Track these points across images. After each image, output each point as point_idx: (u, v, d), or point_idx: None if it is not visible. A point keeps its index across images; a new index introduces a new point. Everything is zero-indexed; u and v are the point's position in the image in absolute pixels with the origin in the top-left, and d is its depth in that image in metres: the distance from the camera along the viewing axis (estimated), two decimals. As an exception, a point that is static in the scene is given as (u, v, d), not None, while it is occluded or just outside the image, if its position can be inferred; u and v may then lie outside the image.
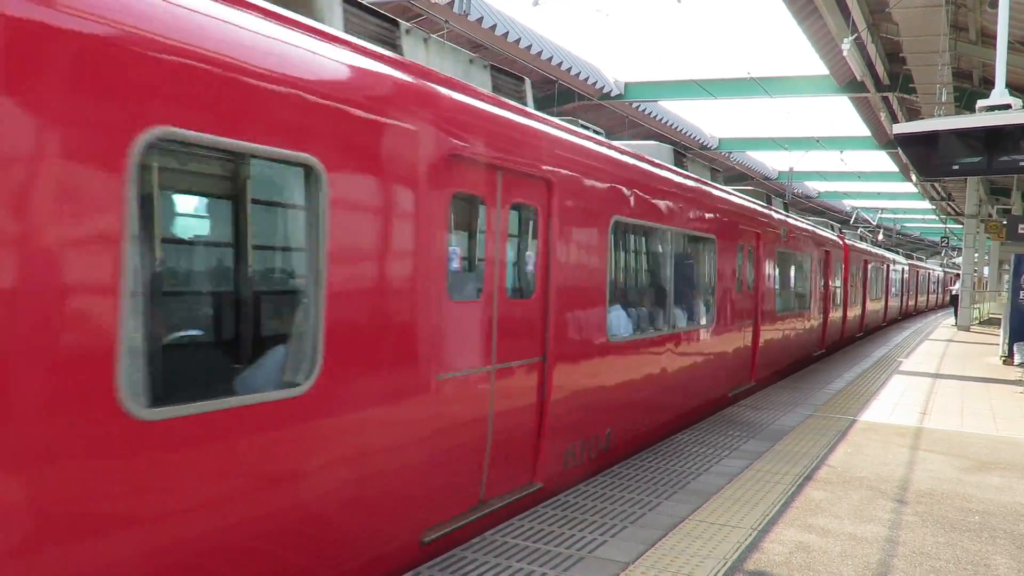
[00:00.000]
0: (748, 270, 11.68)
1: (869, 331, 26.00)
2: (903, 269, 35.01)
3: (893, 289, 31.54)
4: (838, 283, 19.25)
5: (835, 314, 19.05)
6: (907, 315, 38.33)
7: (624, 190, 7.37)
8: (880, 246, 34.85)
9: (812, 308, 16.28)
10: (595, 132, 7.61)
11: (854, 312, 22.28)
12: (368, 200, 4.30)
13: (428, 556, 4.83)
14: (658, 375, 8.31)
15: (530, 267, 5.99)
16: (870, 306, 25.41)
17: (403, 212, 4.52)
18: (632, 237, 8.46)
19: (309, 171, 3.90)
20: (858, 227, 38.33)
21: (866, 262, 23.93)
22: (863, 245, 25.09)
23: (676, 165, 9.41)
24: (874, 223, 46.91)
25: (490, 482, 5.47)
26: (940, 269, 58.17)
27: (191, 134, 3.26)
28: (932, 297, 51.13)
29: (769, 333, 12.83)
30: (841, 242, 19.88)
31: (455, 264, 5.14)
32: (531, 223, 6.03)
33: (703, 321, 9.71)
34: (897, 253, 37.77)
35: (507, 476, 5.67)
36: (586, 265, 6.63)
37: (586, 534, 5.29)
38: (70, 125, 2.84)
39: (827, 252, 17.59)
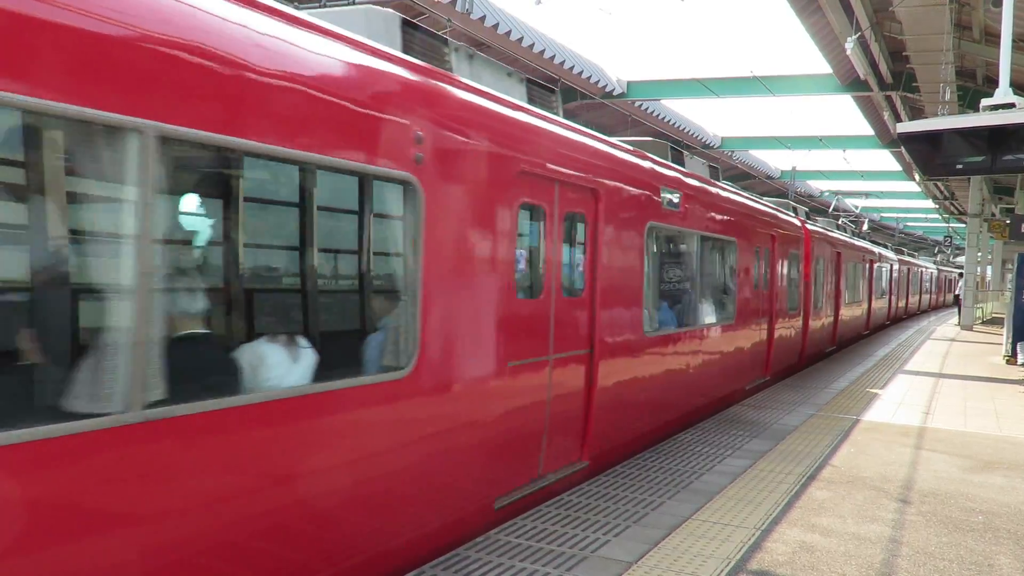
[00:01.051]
0: (568, 257, 6.44)
1: (845, 343, 20.91)
2: (892, 265, 29.84)
3: (879, 289, 26.43)
4: (794, 282, 14.43)
5: (788, 325, 14.05)
6: (897, 319, 33.55)
7: None
8: (864, 238, 29.13)
9: (743, 319, 11.11)
10: None
11: (821, 320, 17.04)
12: None
13: None
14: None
15: None
16: (846, 312, 20.15)
17: None
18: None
19: None
20: (839, 216, 32.76)
21: (839, 255, 18.79)
22: (836, 234, 19.64)
23: (415, 54, 5.02)
24: (856, 211, 39.49)
25: None
26: (935, 267, 51.82)
27: None
28: (926, 298, 45.59)
29: (630, 369, 7.48)
30: (800, 226, 15.07)
31: None
32: None
33: (385, 366, 4.56)
34: (885, 247, 32.52)
35: None
36: None
37: (589, 533, 5.28)
38: None
39: (773, 238, 12.71)
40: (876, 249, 26.41)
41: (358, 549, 4.28)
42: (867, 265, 23.48)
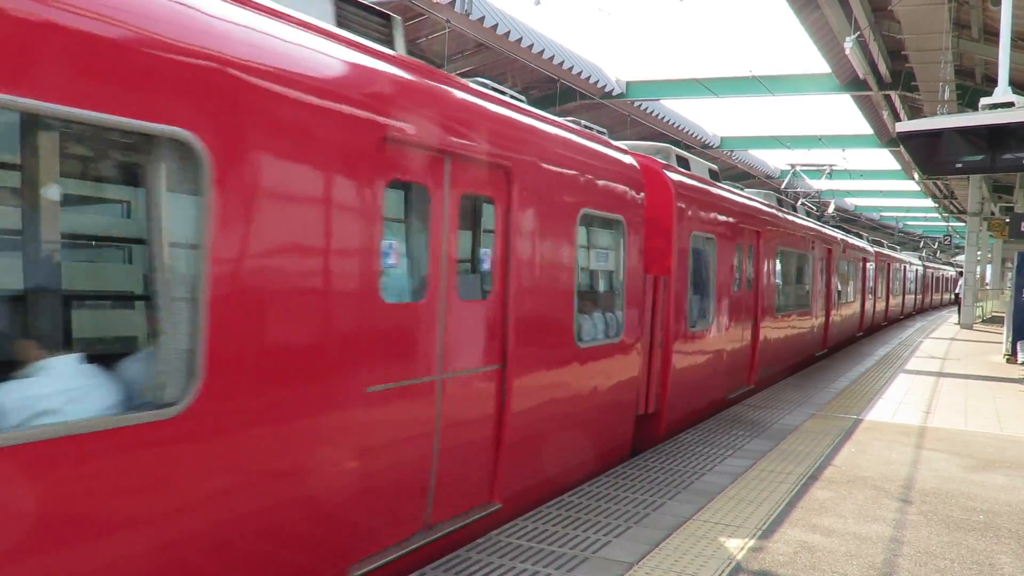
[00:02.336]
0: None
1: (780, 373, 13.65)
2: (866, 260, 22.93)
3: (846, 289, 19.82)
4: (617, 282, 7.51)
5: (592, 371, 6.81)
6: (875, 328, 26.43)
7: None
8: (827, 223, 22.34)
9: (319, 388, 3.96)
10: None
11: (709, 349, 9.87)
12: None
13: None
14: None
15: None
16: (778, 328, 13.07)
17: None
18: None
19: None
20: (799, 198, 24.49)
21: (759, 237, 11.88)
22: (753, 204, 12.02)
23: None
24: (814, 190, 30.44)
25: None
26: (920, 263, 43.02)
27: None
28: (910, 299, 37.49)
29: None
30: (626, 166, 7.51)
31: None
32: None
33: None
34: (860, 237, 26.10)
35: None
36: None
37: (590, 534, 5.28)
38: None
39: (508, 178, 5.52)
40: (839, 236, 19.56)
41: None
42: (824, 255, 16.85)
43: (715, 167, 11.02)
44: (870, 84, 21.51)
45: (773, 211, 13.24)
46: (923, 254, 52.39)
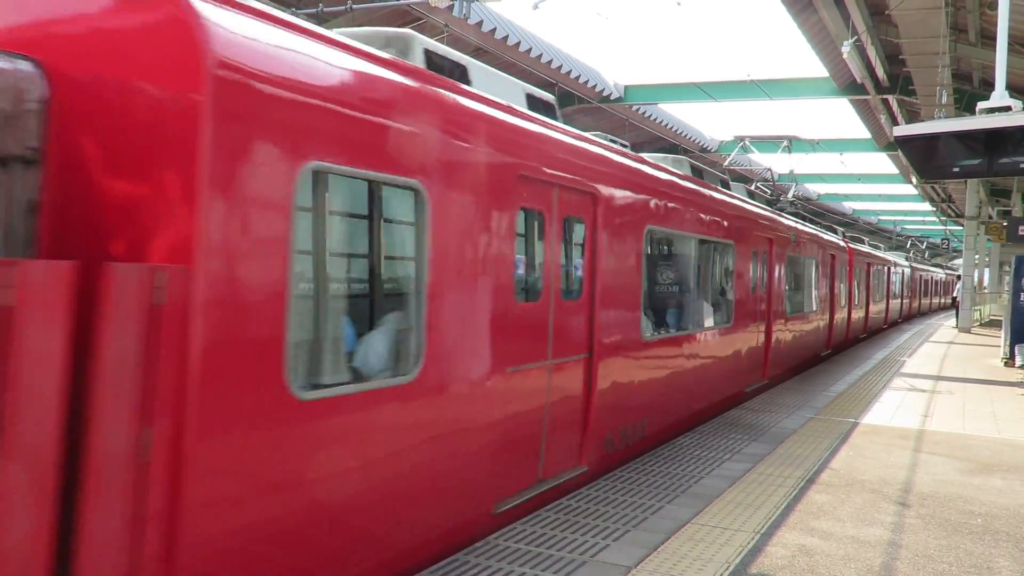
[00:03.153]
0: None
1: (652, 437, 8.20)
2: (835, 256, 18.51)
3: (797, 295, 15.09)
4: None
5: None
6: (849, 342, 21.75)
7: None
8: (781, 211, 15.77)
9: None
10: None
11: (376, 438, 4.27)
12: None
13: None
14: None
15: None
16: (638, 363, 7.55)
17: None
18: None
19: None
20: (752, 182, 21.59)
21: (596, 204, 6.67)
22: (590, 147, 6.82)
23: None
24: (762, 167, 25.75)
25: None
26: (907, 264, 37.64)
27: None
28: (895, 304, 32.34)
29: None
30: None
31: None
32: None
33: None
34: (834, 232, 22.23)
35: None
36: None
37: (588, 538, 5.28)
38: None
39: None
40: (791, 223, 14.64)
41: None
42: (764, 252, 12.41)
43: (550, 98, 6.99)
44: (868, 88, 21.56)
45: (644, 169, 7.98)
46: (910, 255, 49.55)
